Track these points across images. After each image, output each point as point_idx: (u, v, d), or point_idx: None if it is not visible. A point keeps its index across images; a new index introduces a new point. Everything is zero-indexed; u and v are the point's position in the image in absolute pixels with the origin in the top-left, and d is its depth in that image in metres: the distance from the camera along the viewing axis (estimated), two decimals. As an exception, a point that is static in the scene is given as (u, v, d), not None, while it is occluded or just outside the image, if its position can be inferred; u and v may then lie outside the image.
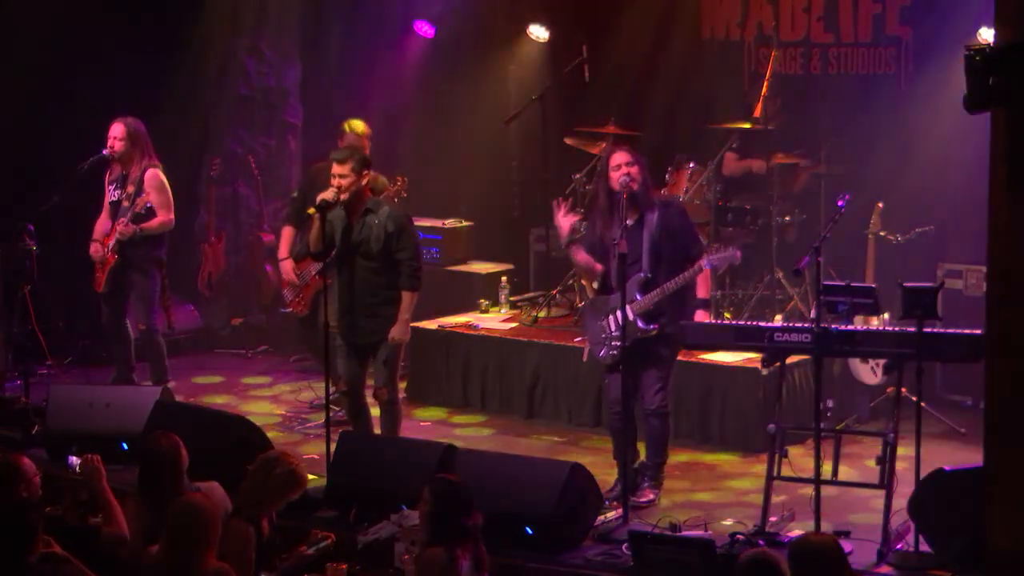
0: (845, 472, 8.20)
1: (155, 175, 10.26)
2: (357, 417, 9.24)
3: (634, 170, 8.54)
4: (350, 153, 9.04)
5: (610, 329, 8.59)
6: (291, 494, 7.43)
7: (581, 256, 8.85)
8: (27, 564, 6.20)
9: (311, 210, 8.95)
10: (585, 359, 9.05)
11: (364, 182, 8.98)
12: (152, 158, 10.33)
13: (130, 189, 10.25)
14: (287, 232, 10.49)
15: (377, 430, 9.23)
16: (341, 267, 9.05)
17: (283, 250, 10.49)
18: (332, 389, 10.53)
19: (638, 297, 8.46)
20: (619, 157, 8.61)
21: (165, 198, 10.26)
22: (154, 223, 10.21)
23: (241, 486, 7.31)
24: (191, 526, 6.50)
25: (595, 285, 8.95)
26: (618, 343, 8.50)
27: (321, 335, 8.95)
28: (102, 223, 10.46)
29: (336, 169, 8.94)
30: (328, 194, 8.87)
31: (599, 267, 8.73)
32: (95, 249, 10.40)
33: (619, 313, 8.46)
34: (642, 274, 8.50)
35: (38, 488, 7.16)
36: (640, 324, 8.45)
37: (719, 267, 8.71)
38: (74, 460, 8.76)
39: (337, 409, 9.84)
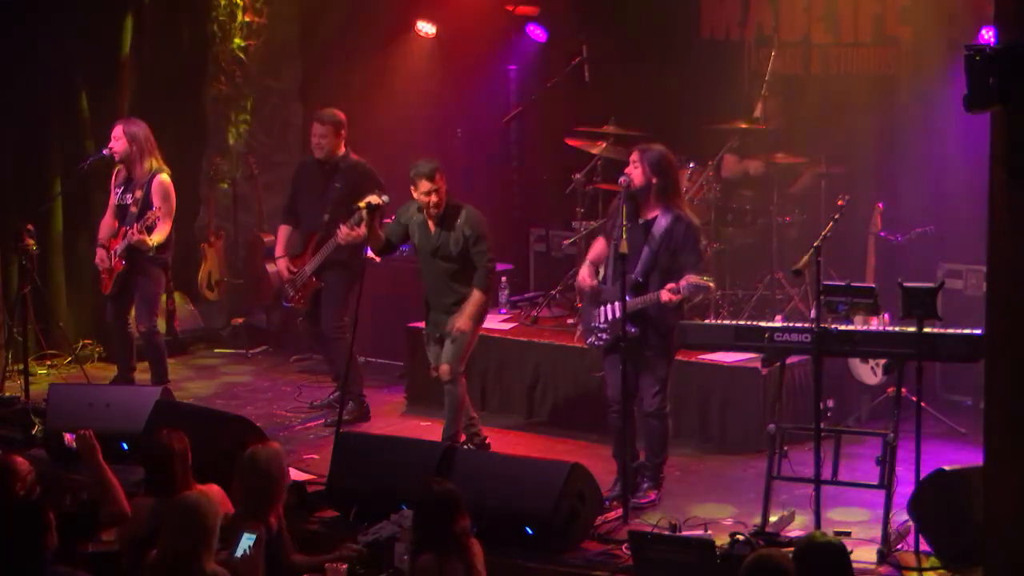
0: (845, 472, 8.20)
1: (161, 182, 10.23)
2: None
3: (635, 171, 8.52)
4: (434, 166, 9.16)
5: (599, 320, 8.61)
6: (286, 479, 7.39)
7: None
8: (43, 561, 6.21)
9: (361, 204, 9.17)
10: (582, 344, 9.17)
11: (445, 188, 9.18)
12: (159, 162, 10.31)
13: (137, 194, 10.23)
14: (283, 230, 10.54)
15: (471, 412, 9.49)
16: (424, 266, 9.35)
17: (279, 248, 10.53)
18: (332, 388, 10.58)
19: (628, 298, 8.44)
20: (631, 155, 8.62)
21: (168, 207, 10.24)
22: (155, 237, 10.18)
23: (236, 492, 7.26)
24: (190, 525, 6.49)
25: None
26: (604, 335, 8.56)
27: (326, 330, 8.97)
28: (107, 224, 10.45)
29: (428, 186, 9.12)
30: (373, 198, 9.11)
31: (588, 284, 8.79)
32: (101, 257, 10.37)
33: (608, 307, 8.52)
34: (634, 277, 8.50)
35: (35, 487, 7.17)
36: (625, 325, 8.44)
37: (691, 297, 8.59)
38: (70, 438, 8.77)
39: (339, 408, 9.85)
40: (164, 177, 10.25)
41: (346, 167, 10.20)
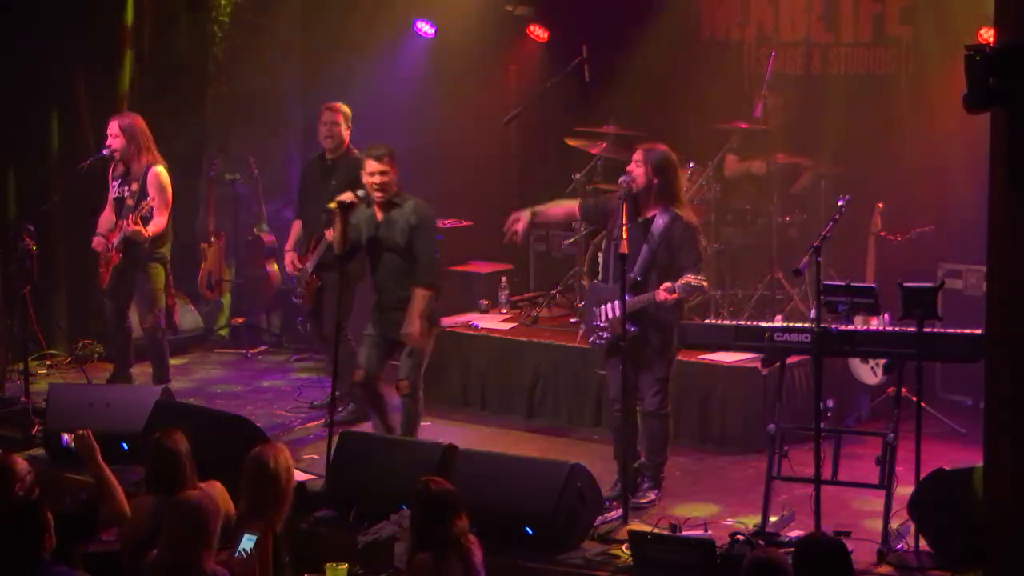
0: (845, 472, 8.20)
1: (157, 174, 10.24)
2: (375, 409, 9.28)
3: (638, 170, 8.52)
4: (386, 150, 9.03)
5: (599, 319, 8.62)
6: (292, 480, 7.37)
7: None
8: (42, 562, 6.21)
9: (332, 205, 8.97)
10: (586, 343, 9.14)
11: (396, 175, 9.02)
12: (154, 155, 10.32)
13: (134, 187, 10.24)
14: (295, 227, 10.64)
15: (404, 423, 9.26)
16: (373, 261, 9.12)
17: (288, 243, 10.62)
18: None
19: (628, 297, 8.44)
20: (634, 154, 8.61)
21: (164, 199, 10.24)
22: (151, 228, 10.19)
23: (246, 497, 7.22)
24: (190, 525, 6.48)
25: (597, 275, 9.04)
26: (604, 335, 8.57)
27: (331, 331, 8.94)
28: (106, 218, 10.47)
29: (375, 167, 8.97)
30: (346, 196, 8.90)
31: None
32: (97, 242, 10.41)
33: (608, 306, 8.53)
34: (633, 275, 8.50)
35: (33, 487, 7.16)
36: (625, 324, 8.43)
37: (687, 297, 8.54)
38: (67, 438, 8.76)
39: (340, 409, 9.85)
40: (159, 169, 10.25)
41: (344, 163, 10.21)
